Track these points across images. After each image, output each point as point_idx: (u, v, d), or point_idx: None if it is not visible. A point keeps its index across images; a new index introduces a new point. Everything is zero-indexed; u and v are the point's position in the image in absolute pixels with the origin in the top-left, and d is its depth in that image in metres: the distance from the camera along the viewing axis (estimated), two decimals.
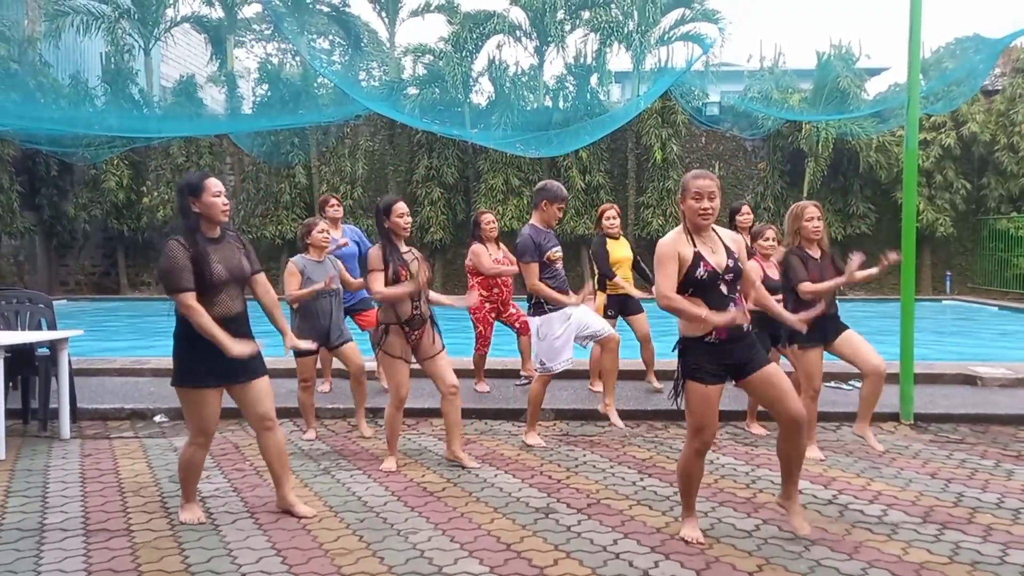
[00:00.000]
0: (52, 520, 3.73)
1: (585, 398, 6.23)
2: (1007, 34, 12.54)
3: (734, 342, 3.35)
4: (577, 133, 16.53)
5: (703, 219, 3.34)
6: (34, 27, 19.25)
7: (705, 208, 3.33)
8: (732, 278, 3.37)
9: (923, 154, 16.82)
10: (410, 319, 4.49)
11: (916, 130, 6.06)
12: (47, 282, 19.44)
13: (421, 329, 4.53)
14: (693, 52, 18.99)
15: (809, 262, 4.72)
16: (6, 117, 13.35)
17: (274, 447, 3.73)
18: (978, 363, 7.59)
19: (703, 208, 3.32)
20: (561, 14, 18.81)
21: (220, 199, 3.56)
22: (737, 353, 3.36)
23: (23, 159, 18.59)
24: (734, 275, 3.38)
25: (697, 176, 3.39)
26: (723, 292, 3.35)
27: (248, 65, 26.16)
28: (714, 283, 3.34)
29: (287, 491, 3.80)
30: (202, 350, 3.45)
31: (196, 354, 3.50)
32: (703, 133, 19.31)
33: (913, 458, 4.82)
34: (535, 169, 18.79)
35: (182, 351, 3.55)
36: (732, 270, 3.36)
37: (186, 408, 3.64)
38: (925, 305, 14.73)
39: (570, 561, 3.22)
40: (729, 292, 3.37)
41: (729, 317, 3.23)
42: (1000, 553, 3.30)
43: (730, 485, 4.25)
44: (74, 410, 5.59)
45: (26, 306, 5.92)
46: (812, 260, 4.73)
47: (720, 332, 3.34)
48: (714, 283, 3.34)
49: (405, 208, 4.54)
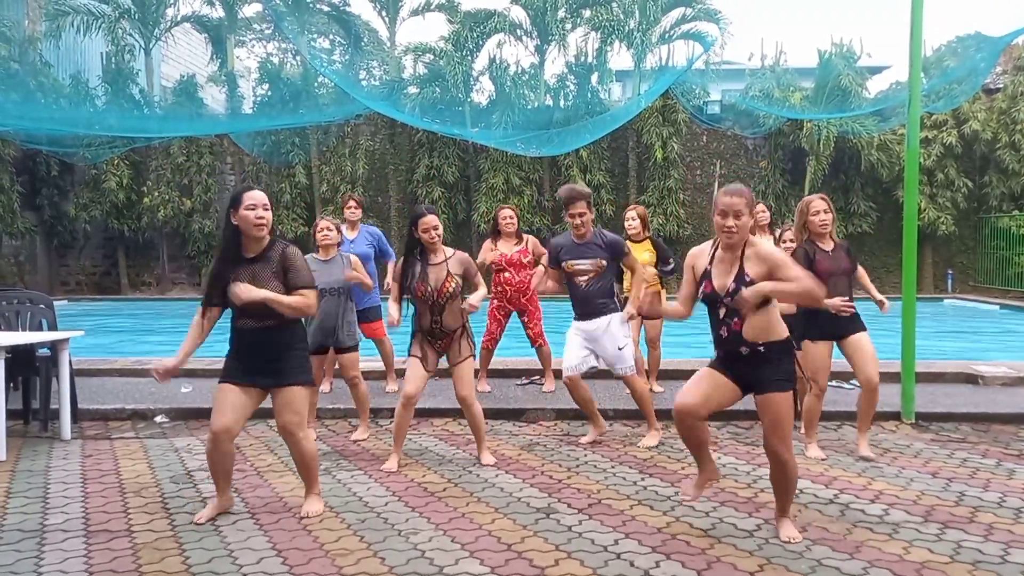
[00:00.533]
0: (53, 521, 3.73)
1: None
2: (1008, 32, 12.50)
3: (733, 360, 3.35)
4: (578, 132, 16.52)
5: (727, 237, 3.26)
6: (34, 27, 19.27)
7: (729, 227, 3.23)
8: (729, 303, 3.28)
9: (924, 152, 16.80)
10: (429, 331, 4.52)
11: (917, 128, 6.04)
12: (48, 282, 19.46)
13: (444, 340, 4.56)
14: (694, 50, 18.99)
15: (818, 255, 4.72)
16: (7, 117, 13.35)
17: (296, 456, 3.79)
18: (979, 362, 7.58)
19: (726, 227, 3.24)
20: (562, 12, 18.81)
21: (254, 212, 3.51)
22: (736, 369, 3.35)
23: (24, 159, 18.61)
24: (730, 298, 3.27)
25: (726, 192, 3.29)
26: (719, 315, 3.34)
27: (248, 65, 26.19)
28: (713, 304, 3.35)
29: (306, 493, 3.86)
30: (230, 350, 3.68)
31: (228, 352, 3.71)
32: (704, 132, 19.29)
33: (914, 457, 4.81)
34: (536, 168, 18.79)
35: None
36: (730, 295, 3.26)
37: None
38: (926, 304, 14.70)
39: (571, 561, 3.21)
40: (725, 316, 3.32)
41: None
42: (1002, 552, 3.29)
43: (731, 485, 4.24)
44: (75, 411, 5.58)
45: (27, 306, 5.92)
46: (823, 253, 4.72)
47: (718, 348, 3.38)
48: (713, 304, 3.35)
49: (432, 222, 4.45)
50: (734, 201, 3.23)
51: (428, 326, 4.52)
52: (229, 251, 3.60)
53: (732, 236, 3.25)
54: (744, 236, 3.28)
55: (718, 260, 3.35)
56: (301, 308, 3.58)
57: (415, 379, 4.53)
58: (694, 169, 19.25)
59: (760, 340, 3.27)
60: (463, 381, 4.58)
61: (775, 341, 3.28)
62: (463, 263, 4.57)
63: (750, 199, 3.27)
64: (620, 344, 5.00)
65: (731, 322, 3.31)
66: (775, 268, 3.22)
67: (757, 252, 3.27)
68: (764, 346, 3.27)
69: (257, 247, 3.59)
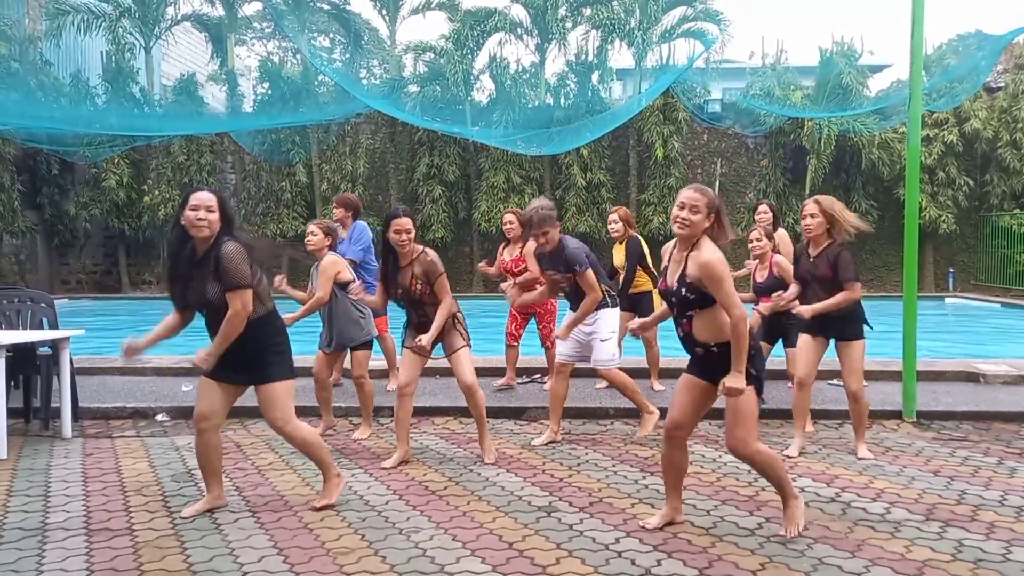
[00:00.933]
0: (54, 519, 3.72)
1: (587, 396, 6.23)
2: (1010, 30, 12.54)
3: (695, 357, 3.40)
4: (578, 131, 16.52)
5: (677, 227, 3.30)
6: (35, 26, 19.27)
7: (682, 218, 3.26)
8: (675, 302, 3.32)
9: (925, 151, 16.79)
10: (418, 324, 4.55)
11: (918, 127, 6.03)
12: (48, 281, 19.46)
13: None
14: (695, 49, 18.97)
15: (802, 258, 4.77)
16: (7, 116, 13.36)
17: (297, 445, 3.81)
18: (981, 360, 7.58)
19: (680, 217, 3.27)
20: (563, 11, 18.79)
21: (194, 213, 3.45)
22: (705, 365, 3.37)
23: (24, 158, 18.61)
24: (676, 299, 3.30)
25: (689, 187, 3.37)
26: (674, 313, 3.39)
27: (249, 63, 26.20)
28: (667, 301, 3.41)
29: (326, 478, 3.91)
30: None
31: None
32: (705, 130, 19.28)
33: (916, 456, 4.81)
34: (536, 167, 18.78)
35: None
36: (673, 294, 3.31)
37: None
38: (927, 302, 14.69)
39: (572, 560, 3.21)
40: (676, 314, 3.36)
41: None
42: (1003, 550, 3.29)
43: (732, 483, 4.24)
44: (76, 409, 5.58)
45: (28, 305, 5.92)
46: (805, 257, 4.72)
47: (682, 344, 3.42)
48: (667, 301, 3.41)
49: (404, 225, 4.39)
50: (694, 196, 3.28)
51: (416, 321, 4.57)
52: (177, 250, 3.59)
53: (683, 228, 3.28)
54: (694, 234, 3.28)
55: (673, 258, 3.40)
56: (231, 322, 3.45)
57: (408, 369, 4.58)
58: (695, 168, 19.24)
59: (711, 341, 3.29)
60: (462, 369, 4.59)
61: (727, 342, 3.23)
62: (424, 266, 4.44)
63: (711, 202, 3.28)
64: (603, 337, 5.08)
65: (682, 321, 3.36)
66: (709, 282, 3.18)
67: (697, 256, 3.24)
68: (716, 347, 3.28)
69: (203, 247, 3.53)
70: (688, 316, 3.31)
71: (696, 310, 3.28)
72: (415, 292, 4.45)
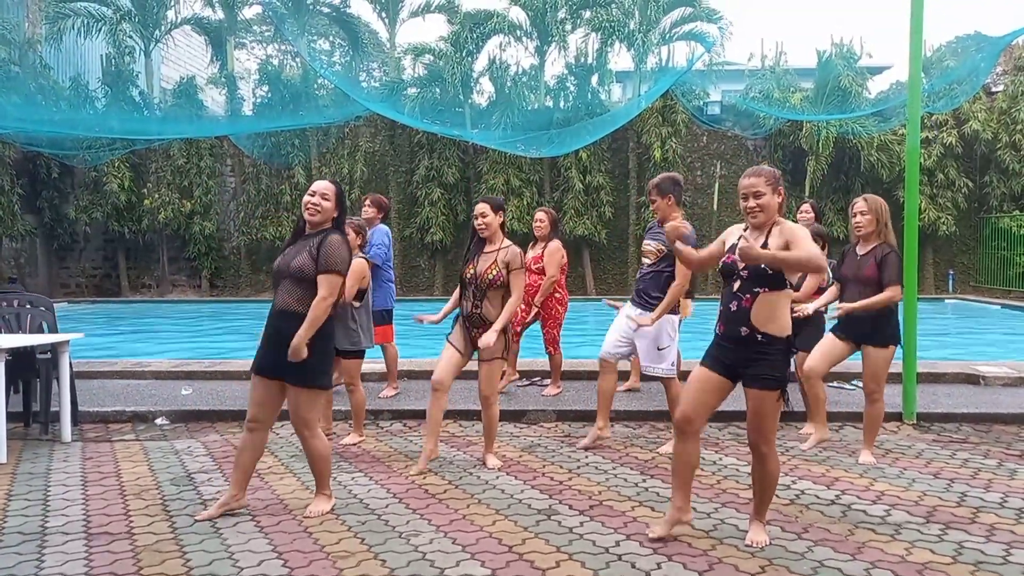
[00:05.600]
0: (53, 523, 3.72)
1: (588, 399, 6.22)
2: (1008, 32, 12.55)
3: (728, 343, 3.33)
4: (578, 133, 16.53)
5: (752, 218, 3.32)
6: (35, 29, 19.27)
7: (751, 207, 3.29)
8: (747, 275, 3.25)
9: (925, 153, 16.80)
10: (469, 316, 4.56)
11: (918, 128, 6.04)
12: (48, 284, 19.45)
13: (480, 330, 4.52)
14: (694, 51, 18.99)
15: (847, 256, 4.85)
16: (7, 120, 13.36)
17: (307, 452, 3.85)
18: (981, 362, 7.57)
19: (748, 208, 3.31)
20: (562, 13, 18.80)
21: (310, 198, 3.76)
22: (728, 357, 3.34)
23: (24, 161, 18.61)
24: (749, 272, 3.23)
25: (746, 174, 3.38)
26: (733, 288, 3.32)
27: (248, 66, 26.19)
28: (729, 276, 3.35)
29: (316, 492, 3.93)
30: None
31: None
32: (704, 132, 19.30)
33: (916, 458, 4.80)
34: (536, 169, 18.79)
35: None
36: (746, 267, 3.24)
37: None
38: (927, 304, 14.69)
39: (572, 563, 3.20)
40: (739, 289, 3.28)
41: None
42: (1003, 553, 3.29)
43: (733, 486, 4.23)
44: (75, 413, 5.58)
45: (27, 309, 5.92)
46: (851, 255, 4.81)
47: (720, 324, 3.36)
48: (729, 276, 3.35)
49: (479, 209, 4.58)
50: (752, 182, 3.29)
51: (469, 311, 4.56)
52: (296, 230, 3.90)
53: (757, 216, 3.28)
54: (770, 216, 3.29)
55: (744, 238, 3.35)
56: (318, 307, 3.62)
57: (445, 365, 4.56)
58: (694, 170, 19.24)
59: (762, 327, 3.23)
60: (487, 379, 4.57)
61: (775, 335, 3.23)
62: (509, 255, 4.53)
63: (771, 178, 3.29)
64: (661, 344, 4.87)
65: (743, 297, 3.27)
66: (792, 241, 3.21)
67: (782, 228, 3.29)
68: (763, 335, 3.23)
69: (312, 231, 3.80)
70: (755, 292, 3.24)
71: (765, 290, 3.22)
72: (487, 275, 4.47)
